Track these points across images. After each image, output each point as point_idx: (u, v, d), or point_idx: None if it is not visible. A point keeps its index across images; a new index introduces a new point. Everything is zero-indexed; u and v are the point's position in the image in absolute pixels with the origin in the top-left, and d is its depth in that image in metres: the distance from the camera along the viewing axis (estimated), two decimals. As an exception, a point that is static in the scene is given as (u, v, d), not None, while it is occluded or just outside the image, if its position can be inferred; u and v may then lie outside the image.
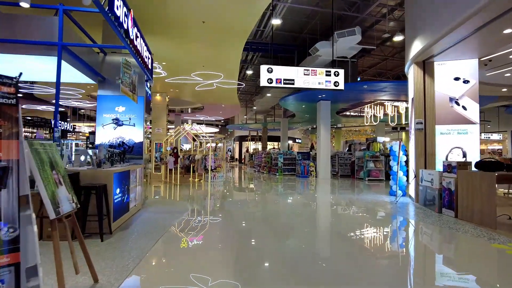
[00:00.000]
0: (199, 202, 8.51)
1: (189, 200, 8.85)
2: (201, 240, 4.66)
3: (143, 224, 5.41)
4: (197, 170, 13.37)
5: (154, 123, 14.84)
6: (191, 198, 9.34)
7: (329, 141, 16.32)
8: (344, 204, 8.52)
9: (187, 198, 9.16)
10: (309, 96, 15.55)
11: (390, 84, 13.01)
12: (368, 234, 5.33)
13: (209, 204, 8.07)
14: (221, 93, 14.62)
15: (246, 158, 28.60)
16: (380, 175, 15.38)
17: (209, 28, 7.76)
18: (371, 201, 8.57)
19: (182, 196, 9.68)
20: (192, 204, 7.97)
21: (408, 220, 6.42)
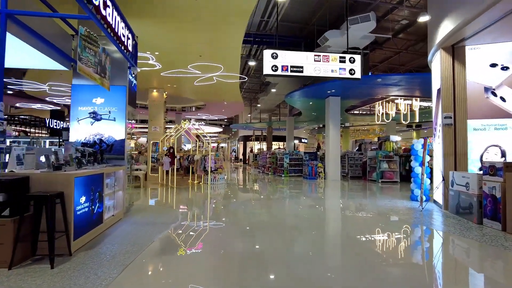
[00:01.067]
0: (193, 209, 7.45)
1: (182, 206, 7.80)
2: (187, 266, 3.60)
3: (117, 241, 4.36)
4: (196, 172, 12.34)
5: (150, 121, 13.85)
6: (185, 204, 8.30)
7: (338, 140, 15.19)
8: (359, 211, 7.41)
9: (180, 204, 8.11)
10: (317, 92, 14.44)
11: (406, 77, 11.87)
12: (393, 252, 4.23)
13: (204, 213, 7.01)
14: (222, 88, 13.59)
15: (250, 158, 27.54)
16: (395, 177, 14.21)
17: (203, 8, 6.71)
18: (390, 208, 7.45)
19: (175, 201, 8.65)
20: (184, 212, 6.91)
21: (442, 234, 5.30)
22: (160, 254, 3.99)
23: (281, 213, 7.18)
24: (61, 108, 20.81)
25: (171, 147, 11.21)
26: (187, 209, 7.34)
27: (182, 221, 5.78)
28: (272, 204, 8.40)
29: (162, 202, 8.40)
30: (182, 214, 6.53)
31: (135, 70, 6.05)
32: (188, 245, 4.35)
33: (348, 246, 4.63)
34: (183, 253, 4.02)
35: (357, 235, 5.15)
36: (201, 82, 12.54)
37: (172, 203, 8.30)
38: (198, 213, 6.76)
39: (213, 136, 46.32)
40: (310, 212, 7.36)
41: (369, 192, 11.57)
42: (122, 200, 5.78)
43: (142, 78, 12.37)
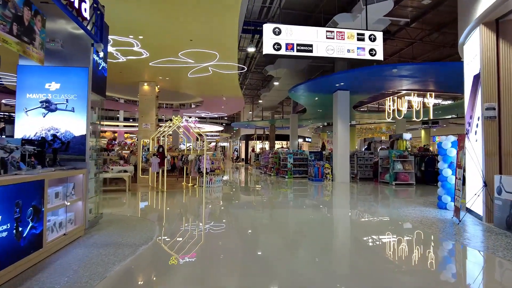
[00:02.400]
0: (176, 222, 6.18)
1: (164, 218, 6.53)
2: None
3: (52, 278, 3.09)
4: (190, 173, 11.08)
5: (141, 117, 12.61)
6: (169, 214, 7.02)
7: (347, 137, 13.87)
8: (380, 223, 6.11)
9: (163, 214, 6.84)
10: (324, 85, 13.12)
11: (426, 66, 10.53)
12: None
13: (189, 226, 5.73)
14: (219, 80, 12.30)
15: (252, 158, 26.26)
16: (410, 179, 12.88)
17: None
18: (417, 218, 6.13)
19: (158, 210, 7.39)
20: (164, 226, 5.64)
21: (504, 262, 3.98)
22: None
23: (285, 231, 5.89)
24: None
25: (161, 145, 9.95)
26: (169, 222, 6.06)
27: (156, 242, 4.50)
28: (274, 216, 7.10)
29: (142, 212, 7.12)
30: (160, 230, 5.25)
31: (100, 48, 4.79)
32: (159, 282, 3.08)
33: (372, 277, 3.33)
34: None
35: (384, 262, 3.86)
36: (195, 74, 11.27)
37: (154, 213, 7.03)
38: (180, 229, 5.48)
39: (214, 135, 45.11)
40: (320, 226, 6.06)
41: (385, 196, 10.24)
42: (83, 213, 4.52)
43: (131, 69, 11.12)
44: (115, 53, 9.20)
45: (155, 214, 6.87)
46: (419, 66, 10.49)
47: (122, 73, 11.60)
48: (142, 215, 6.61)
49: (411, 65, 10.52)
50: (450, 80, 11.82)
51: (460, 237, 4.88)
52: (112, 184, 10.86)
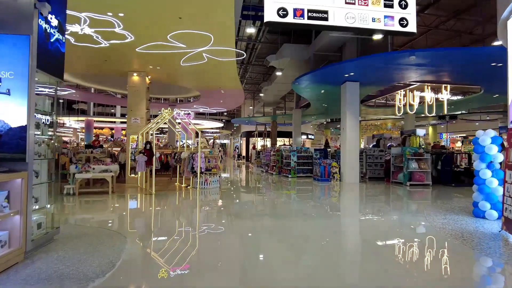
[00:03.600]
0: (156, 236, 5.01)
1: (141, 231, 5.37)
2: None
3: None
4: (184, 173, 9.92)
5: (130, 111, 11.43)
6: (148, 224, 5.86)
7: (357, 133, 12.68)
8: (415, 239, 4.93)
9: (141, 226, 5.68)
10: (332, 75, 11.90)
11: (448, 52, 9.30)
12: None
13: (170, 243, 4.57)
14: (216, 70, 11.10)
15: (253, 156, 25.08)
16: (426, 179, 11.69)
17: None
18: (455, 232, 4.94)
19: (137, 219, 6.22)
20: (138, 242, 4.48)
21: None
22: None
23: (294, 251, 4.72)
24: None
25: (148, 142, 8.78)
26: (145, 237, 4.89)
27: (118, 272, 3.33)
28: (279, 230, 5.93)
29: (118, 221, 5.95)
30: (131, 250, 4.09)
31: (45, 10, 3.60)
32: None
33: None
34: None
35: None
36: (189, 62, 10.08)
37: (131, 224, 5.86)
38: (158, 248, 4.30)
39: (215, 132, 43.93)
40: (335, 247, 4.89)
41: (403, 200, 9.06)
42: (22, 231, 3.36)
43: (117, 57, 9.95)
44: (95, 36, 8.02)
45: (132, 225, 5.71)
46: (440, 53, 9.26)
47: (108, 62, 10.42)
48: (116, 226, 5.44)
49: (431, 51, 9.29)
50: (470, 69, 10.60)
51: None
52: (96, 185, 9.72)
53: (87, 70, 11.57)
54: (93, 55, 9.65)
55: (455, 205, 7.37)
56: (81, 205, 7.28)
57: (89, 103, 27.22)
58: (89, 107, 27.35)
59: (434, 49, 9.46)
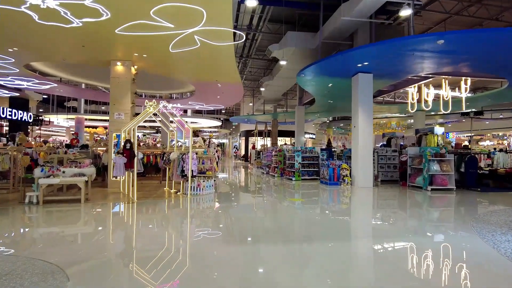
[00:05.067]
0: (115, 271, 3.61)
1: (96, 263, 3.95)
2: None
3: None
4: (172, 177, 8.52)
5: (112, 105, 10.01)
6: (113, 249, 4.45)
7: (370, 131, 11.31)
8: (486, 275, 3.55)
9: (99, 253, 4.27)
10: (343, 65, 10.52)
11: (485, 34, 7.89)
12: None
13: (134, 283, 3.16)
14: (211, 58, 9.68)
15: (252, 156, 23.68)
16: (449, 183, 10.31)
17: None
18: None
19: (97, 242, 4.79)
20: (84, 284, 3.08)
21: None
22: None
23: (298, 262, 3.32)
24: (19, 94, 16.98)
25: (129, 140, 7.36)
26: (97, 275, 3.47)
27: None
28: (291, 261, 4.54)
29: (65, 249, 4.53)
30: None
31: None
32: None
33: None
34: None
35: None
36: (179, 48, 8.66)
37: (83, 252, 4.43)
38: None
39: (213, 131, 42.55)
40: (371, 281, 3.50)
41: (437, 210, 7.68)
42: None
43: (95, 42, 8.53)
44: (62, 12, 6.60)
45: (86, 253, 4.27)
46: (475, 35, 7.84)
47: (87, 48, 9.00)
48: (53, 253, 3.97)
49: (465, 33, 7.87)
50: (501, 57, 9.23)
51: None
52: (70, 191, 8.30)
53: (63, 59, 10.12)
54: (66, 38, 8.23)
55: (503, 217, 5.98)
56: (37, 220, 5.88)
57: (80, 100, 25.75)
58: (80, 105, 25.87)
59: (469, 30, 8.06)
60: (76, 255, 3.88)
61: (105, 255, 4.04)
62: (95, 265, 3.57)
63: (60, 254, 3.88)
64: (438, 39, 7.94)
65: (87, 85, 18.84)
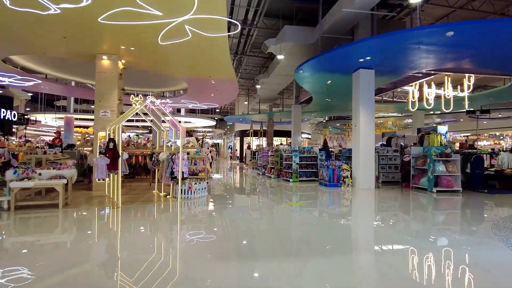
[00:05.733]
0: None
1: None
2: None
3: None
4: (161, 179, 7.86)
5: (97, 102, 9.32)
6: (83, 262, 3.81)
7: (372, 130, 10.75)
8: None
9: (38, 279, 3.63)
10: (343, 60, 9.96)
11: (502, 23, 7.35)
12: None
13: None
14: (203, 50, 9.04)
15: (248, 156, 23.05)
16: (455, 184, 9.79)
17: None
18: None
19: (51, 259, 4.14)
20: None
21: None
22: None
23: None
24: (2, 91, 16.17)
25: (112, 139, 6.70)
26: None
27: None
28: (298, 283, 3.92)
29: (15, 262, 3.89)
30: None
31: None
32: None
33: None
34: None
35: None
36: (169, 39, 8.02)
37: (45, 269, 3.79)
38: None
39: (207, 131, 41.79)
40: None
41: (449, 215, 7.14)
42: None
43: (77, 33, 7.85)
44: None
45: (40, 269, 3.63)
46: (488, 25, 7.29)
47: (68, 40, 8.31)
48: (8, 270, 3.36)
49: (479, 23, 7.30)
50: (508, 51, 8.75)
51: None
52: (50, 195, 7.60)
53: (44, 52, 9.39)
54: (45, 28, 7.54)
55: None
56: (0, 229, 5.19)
57: (69, 99, 24.87)
58: (69, 104, 24.99)
59: (480, 21, 7.51)
60: (39, 271, 3.22)
61: (71, 272, 3.39)
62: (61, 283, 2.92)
63: (17, 270, 3.22)
64: (448, 31, 7.39)
65: (77, 83, 18.04)
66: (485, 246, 4.38)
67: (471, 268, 3.54)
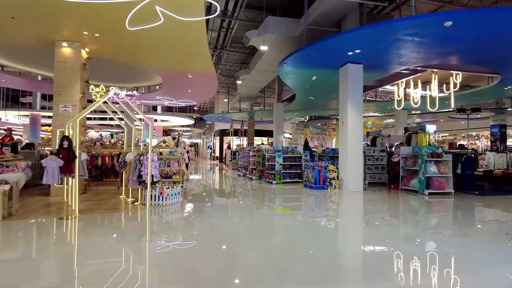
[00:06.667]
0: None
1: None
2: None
3: None
4: (128, 184, 6.85)
5: (56, 95, 8.18)
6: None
7: (360, 129, 10.11)
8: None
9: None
10: (330, 53, 9.25)
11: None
12: None
13: None
14: (178, 38, 8.10)
15: (228, 156, 22.12)
16: (447, 186, 9.28)
17: None
18: None
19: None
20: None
21: None
22: None
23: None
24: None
25: (66, 137, 5.65)
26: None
27: None
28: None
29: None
30: None
31: None
32: None
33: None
34: None
35: None
36: (138, 24, 7.04)
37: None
38: None
39: (185, 131, 40.50)
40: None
41: (452, 220, 6.54)
42: None
43: (28, 11, 6.71)
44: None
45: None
46: (491, 13, 6.73)
47: (18, 21, 7.14)
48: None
49: (479, 12, 6.73)
50: (502, 45, 8.31)
51: None
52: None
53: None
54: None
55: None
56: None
57: (35, 95, 23.13)
58: (35, 100, 23.23)
59: (483, 9, 6.96)
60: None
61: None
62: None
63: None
64: (446, 20, 6.79)
65: (47, 78, 16.45)
66: (504, 257, 3.71)
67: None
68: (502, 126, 20.96)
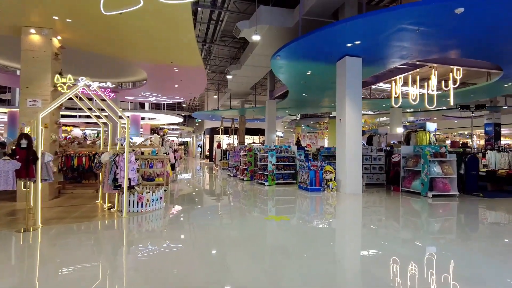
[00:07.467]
0: None
1: None
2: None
3: None
4: (104, 188, 6.04)
5: (24, 89, 7.30)
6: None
7: (359, 127, 9.44)
8: None
9: None
10: (327, 44, 8.56)
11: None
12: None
13: None
14: (160, 23, 7.30)
15: (218, 156, 21.31)
16: (452, 188, 8.69)
17: None
18: None
19: None
20: None
21: None
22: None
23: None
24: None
25: (25, 134, 4.82)
26: None
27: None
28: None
29: None
30: None
31: None
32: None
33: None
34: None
35: None
36: (116, 8, 6.21)
37: None
38: None
39: (175, 129, 39.49)
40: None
41: (468, 228, 5.88)
42: None
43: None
44: None
45: None
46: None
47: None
48: None
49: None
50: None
51: None
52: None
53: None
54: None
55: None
56: None
57: (14, 91, 21.92)
58: (14, 96, 22.03)
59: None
60: None
61: None
62: None
63: None
64: (457, 7, 6.16)
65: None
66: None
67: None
68: (497, 125, 20.69)
